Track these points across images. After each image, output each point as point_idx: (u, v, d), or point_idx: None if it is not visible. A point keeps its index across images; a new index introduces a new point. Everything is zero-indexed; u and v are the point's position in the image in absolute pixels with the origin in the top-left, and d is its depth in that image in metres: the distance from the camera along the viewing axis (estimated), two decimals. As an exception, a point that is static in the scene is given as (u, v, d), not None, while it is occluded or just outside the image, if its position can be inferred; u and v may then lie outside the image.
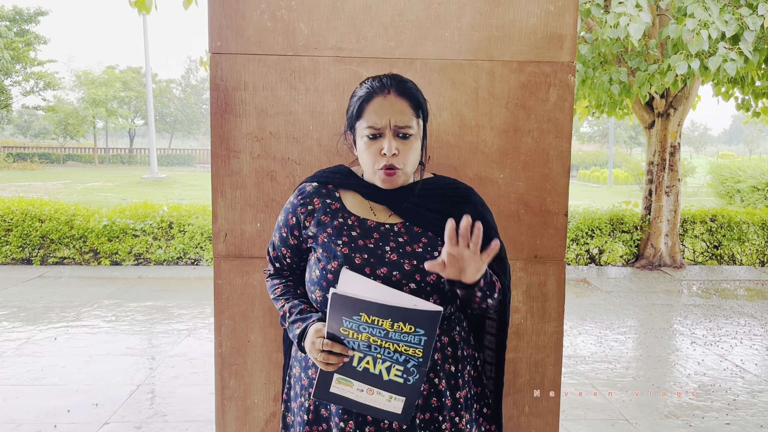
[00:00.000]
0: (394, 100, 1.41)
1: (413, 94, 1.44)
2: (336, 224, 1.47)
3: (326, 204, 1.50)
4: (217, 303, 1.86)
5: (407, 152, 1.42)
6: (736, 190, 15.68)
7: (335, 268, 1.42)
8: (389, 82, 1.43)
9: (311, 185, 1.54)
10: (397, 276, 1.40)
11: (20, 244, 7.87)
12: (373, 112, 1.41)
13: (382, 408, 1.37)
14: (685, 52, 6.00)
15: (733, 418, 3.74)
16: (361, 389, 1.36)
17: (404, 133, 1.41)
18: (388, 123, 1.40)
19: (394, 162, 1.41)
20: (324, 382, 1.37)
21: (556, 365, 1.91)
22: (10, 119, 43.19)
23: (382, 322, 1.30)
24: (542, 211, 1.87)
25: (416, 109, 1.43)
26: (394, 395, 1.36)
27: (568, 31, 1.82)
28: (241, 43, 1.79)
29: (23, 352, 4.70)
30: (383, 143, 1.40)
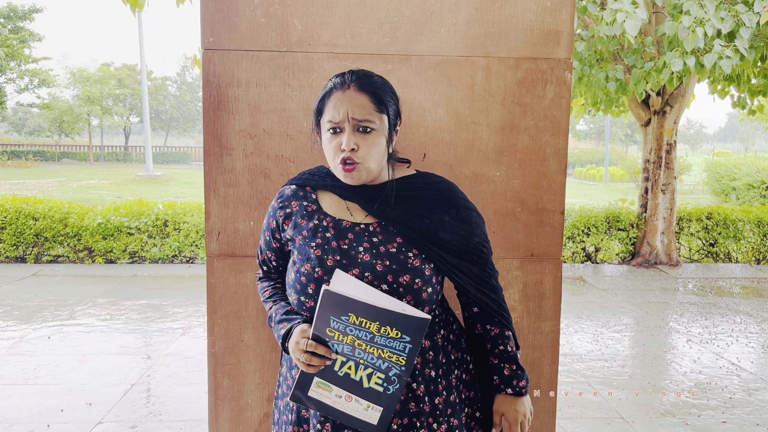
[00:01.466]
0: (353, 95, 1.39)
1: (375, 89, 1.41)
2: (311, 226, 1.46)
3: (303, 206, 1.50)
4: (210, 302, 1.84)
5: (367, 147, 1.39)
6: (732, 188, 15.71)
7: (308, 270, 1.41)
8: (351, 78, 1.42)
9: (290, 188, 1.54)
10: (368, 277, 1.38)
11: (14, 243, 7.82)
12: (333, 107, 1.40)
13: (357, 417, 1.36)
14: (680, 49, 5.99)
15: (730, 416, 3.74)
16: (339, 395, 1.35)
17: (364, 127, 1.39)
18: (346, 116, 1.38)
19: (352, 156, 1.39)
20: (303, 385, 1.36)
21: (553, 365, 1.90)
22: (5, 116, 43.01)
23: (370, 325, 1.29)
24: (539, 210, 1.85)
25: (378, 104, 1.40)
26: (372, 404, 1.35)
27: (565, 28, 1.80)
28: (233, 38, 1.77)
29: (16, 351, 4.67)
30: (343, 138, 1.39)
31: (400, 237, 1.43)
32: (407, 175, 1.52)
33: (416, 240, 1.43)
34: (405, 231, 1.43)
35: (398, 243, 1.43)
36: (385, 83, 1.46)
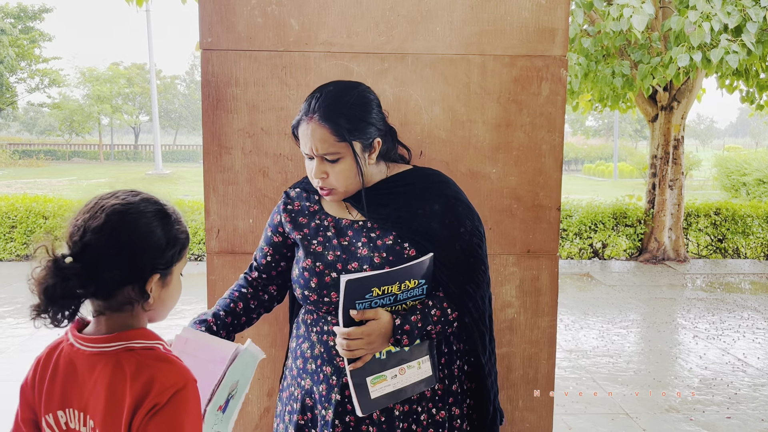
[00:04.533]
0: (315, 127, 1.41)
1: (337, 119, 1.41)
2: (313, 225, 1.53)
3: (305, 206, 1.56)
4: (211, 298, 1.87)
5: (336, 175, 1.44)
6: (742, 183, 15.60)
7: (309, 266, 1.47)
8: (315, 105, 1.42)
9: (294, 190, 1.61)
10: (367, 269, 1.44)
11: (24, 241, 7.91)
12: (301, 138, 1.45)
13: (418, 380, 1.43)
14: (687, 44, 5.96)
15: (734, 411, 3.74)
16: (394, 375, 1.41)
17: (330, 158, 1.43)
18: (311, 150, 1.43)
19: (324, 185, 1.45)
20: (363, 394, 1.39)
21: (550, 360, 1.91)
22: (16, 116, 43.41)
23: (392, 288, 1.36)
24: (535, 206, 1.87)
25: (339, 135, 1.41)
26: (419, 359, 1.43)
27: (560, 25, 1.82)
28: (231, 38, 1.79)
29: (27, 348, 4.73)
30: (313, 165, 1.45)
31: (394, 231, 1.48)
32: (402, 171, 1.56)
33: (407, 233, 1.47)
34: (397, 226, 1.48)
35: (393, 236, 1.48)
36: (357, 104, 1.44)
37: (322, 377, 1.49)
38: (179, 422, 1.02)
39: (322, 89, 1.46)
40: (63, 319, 1.05)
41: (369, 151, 1.47)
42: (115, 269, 1.05)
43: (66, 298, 1.04)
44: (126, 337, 1.08)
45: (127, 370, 1.04)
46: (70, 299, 1.04)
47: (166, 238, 1.09)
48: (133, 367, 1.05)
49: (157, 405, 1.01)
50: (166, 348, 1.12)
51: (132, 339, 1.08)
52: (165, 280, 1.12)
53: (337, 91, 1.45)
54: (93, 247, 1.04)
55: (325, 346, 1.49)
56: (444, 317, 1.44)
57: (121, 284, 1.07)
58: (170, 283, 1.13)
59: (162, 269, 1.10)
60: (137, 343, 1.07)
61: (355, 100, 1.45)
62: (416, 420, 1.48)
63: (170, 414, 1.02)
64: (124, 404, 1.03)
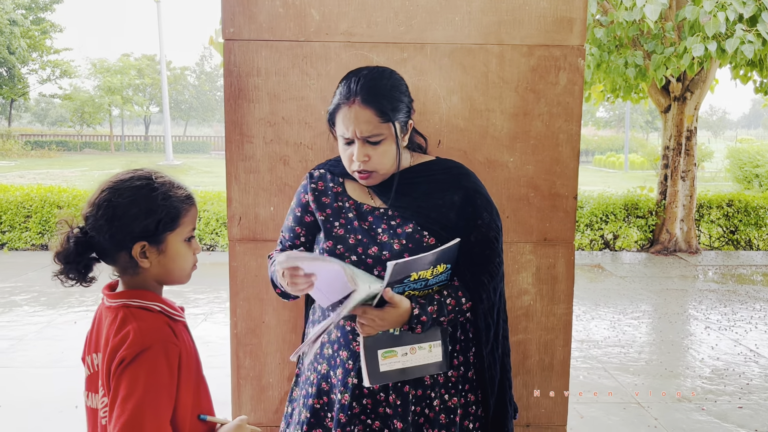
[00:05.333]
0: (358, 111, 1.43)
1: (380, 101, 1.44)
2: (335, 206, 1.55)
3: (329, 187, 1.59)
4: (233, 285, 1.90)
5: (378, 157, 1.46)
6: (755, 174, 15.48)
7: (330, 247, 1.50)
8: (356, 89, 1.44)
9: (318, 171, 1.63)
10: (386, 255, 1.46)
11: (39, 231, 8.00)
12: (341, 123, 1.46)
13: (427, 362, 1.46)
14: (701, 34, 5.92)
15: (746, 401, 3.75)
16: (404, 352, 1.45)
17: (373, 140, 1.45)
18: (354, 133, 1.44)
19: (365, 167, 1.47)
20: (373, 365, 1.43)
21: (566, 346, 1.94)
22: (28, 107, 43.70)
23: (425, 273, 1.40)
24: (552, 195, 1.89)
25: (382, 116, 1.44)
26: (431, 343, 1.46)
27: (578, 15, 1.83)
28: (253, 29, 1.82)
29: (44, 336, 4.81)
30: (354, 150, 1.46)
31: (414, 220, 1.50)
32: (425, 161, 1.59)
33: (427, 223, 1.50)
34: (417, 215, 1.51)
35: (413, 224, 1.50)
36: (393, 85, 1.48)
37: (338, 362, 1.52)
38: (137, 381, 1.13)
39: (356, 74, 1.48)
40: (76, 279, 1.23)
41: (405, 132, 1.50)
42: (103, 237, 1.21)
43: (74, 262, 1.21)
44: (127, 295, 1.24)
45: (117, 323, 1.20)
46: (77, 262, 1.21)
47: (146, 209, 1.21)
48: (120, 322, 1.20)
49: (125, 360, 1.15)
50: (166, 310, 1.24)
51: (132, 297, 1.23)
52: (159, 248, 1.23)
53: (375, 75, 1.47)
54: (88, 218, 1.22)
55: (341, 331, 1.52)
56: (458, 307, 1.47)
57: (114, 250, 1.23)
58: (167, 250, 1.24)
59: (147, 238, 1.21)
60: (134, 302, 1.23)
61: (393, 82, 1.48)
62: (429, 405, 1.51)
63: (133, 371, 1.14)
64: (107, 353, 1.18)
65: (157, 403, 1.13)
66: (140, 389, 1.12)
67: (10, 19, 29.23)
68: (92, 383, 1.24)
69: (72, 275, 1.22)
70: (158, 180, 1.24)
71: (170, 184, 1.26)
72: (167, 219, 1.23)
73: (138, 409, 1.11)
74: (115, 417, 1.12)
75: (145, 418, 1.11)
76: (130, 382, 1.13)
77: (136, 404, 1.11)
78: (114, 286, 1.27)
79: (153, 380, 1.14)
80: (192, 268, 1.30)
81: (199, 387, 1.28)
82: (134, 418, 1.11)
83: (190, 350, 1.26)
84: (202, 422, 1.27)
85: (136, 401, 1.11)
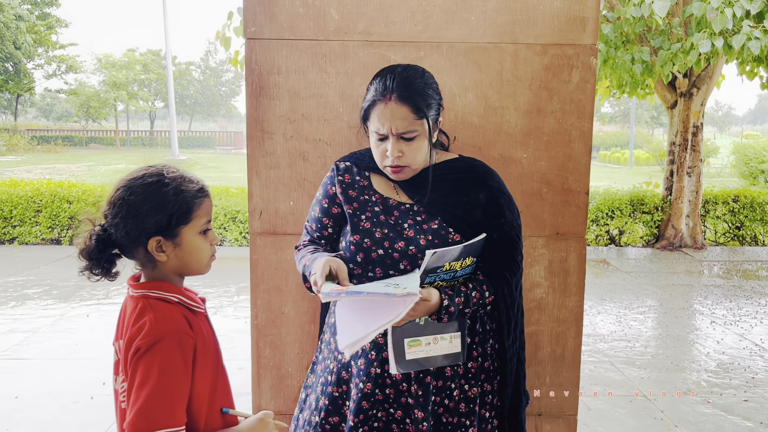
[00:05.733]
0: (394, 107, 1.47)
1: (415, 98, 1.48)
2: (362, 200, 1.59)
3: (356, 180, 1.63)
4: (253, 277, 1.96)
5: (411, 152, 1.51)
6: (760, 170, 15.47)
7: (357, 240, 1.54)
8: (392, 86, 1.48)
9: (344, 163, 1.66)
10: (413, 250, 1.51)
11: (50, 225, 8.08)
12: (377, 119, 1.50)
13: (447, 353, 1.52)
14: (708, 30, 5.94)
15: (752, 395, 3.79)
16: (428, 342, 1.50)
17: (407, 137, 1.49)
18: (389, 130, 1.48)
19: (398, 162, 1.51)
20: (400, 353, 1.49)
21: (577, 338, 1.99)
22: (33, 102, 43.84)
23: (455, 264, 1.45)
24: (564, 190, 1.94)
25: (418, 113, 1.48)
26: (452, 334, 1.52)
27: (591, 14, 1.87)
28: (274, 28, 1.87)
29: (58, 328, 4.88)
30: (388, 145, 1.50)
31: (439, 216, 1.56)
32: (449, 159, 1.64)
33: (452, 220, 1.55)
34: (443, 212, 1.56)
35: (438, 221, 1.56)
36: (426, 83, 1.53)
37: (360, 352, 1.57)
38: (151, 369, 1.18)
39: (391, 71, 1.52)
40: (100, 274, 1.29)
41: (435, 129, 1.55)
42: (120, 234, 1.26)
43: (96, 258, 1.27)
44: (148, 286, 1.29)
45: (137, 313, 1.25)
46: (99, 258, 1.27)
47: (157, 205, 1.25)
48: (138, 312, 1.25)
49: (140, 349, 1.20)
50: (184, 302, 1.29)
51: (151, 289, 1.28)
52: (174, 241, 1.27)
53: (410, 73, 1.52)
54: (106, 216, 1.28)
55: None
56: (482, 300, 1.53)
57: (131, 246, 1.27)
58: (183, 244, 1.28)
59: (161, 232, 1.25)
60: (153, 293, 1.27)
61: (426, 80, 1.53)
62: (449, 395, 1.56)
63: (148, 361, 1.19)
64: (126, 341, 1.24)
65: (171, 392, 1.18)
66: (154, 378, 1.17)
67: (16, 14, 29.31)
68: (117, 368, 1.30)
69: (96, 271, 1.28)
70: (170, 175, 1.28)
71: (182, 178, 1.29)
72: (180, 213, 1.26)
73: (152, 397, 1.16)
74: (131, 404, 1.17)
75: (159, 406, 1.16)
76: (145, 370, 1.18)
77: (149, 392, 1.16)
78: (138, 277, 1.33)
79: (167, 369, 1.18)
80: (210, 258, 1.34)
81: (218, 378, 1.32)
82: (148, 405, 1.16)
83: (207, 341, 1.30)
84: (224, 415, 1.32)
85: (150, 389, 1.16)
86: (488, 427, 1.62)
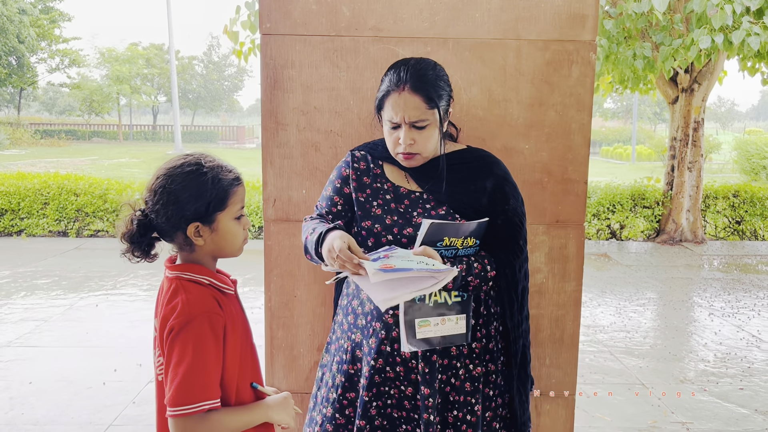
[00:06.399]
0: (407, 97, 1.57)
1: (427, 88, 1.57)
2: (375, 187, 1.69)
3: (370, 168, 1.73)
4: (267, 262, 2.05)
5: (423, 141, 1.60)
6: (762, 166, 15.53)
7: (368, 226, 1.65)
8: (405, 77, 1.57)
9: (360, 152, 1.76)
10: None
11: (57, 217, 8.19)
12: (390, 108, 1.59)
13: (454, 333, 1.62)
14: (709, 26, 6.01)
15: (747, 383, 3.89)
16: (436, 323, 1.60)
17: (419, 125, 1.58)
18: (402, 118, 1.58)
19: (410, 150, 1.61)
20: (411, 332, 1.59)
21: (575, 321, 2.08)
22: (36, 96, 43.93)
23: (456, 242, 1.54)
24: (564, 180, 2.03)
25: (429, 102, 1.58)
26: (458, 315, 1.62)
27: (591, 12, 1.96)
28: (288, 24, 1.96)
29: (68, 317, 4.99)
30: (400, 133, 1.59)
31: (447, 203, 1.66)
32: (458, 149, 1.74)
33: (459, 207, 1.65)
34: (450, 199, 1.66)
35: (445, 208, 1.65)
36: (438, 75, 1.62)
37: (371, 332, 1.66)
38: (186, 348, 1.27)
39: (405, 63, 1.61)
40: (140, 256, 1.37)
41: (446, 119, 1.64)
42: (161, 220, 1.34)
43: (137, 242, 1.35)
44: (182, 268, 1.37)
45: (170, 294, 1.33)
46: (140, 242, 1.36)
47: (197, 193, 1.33)
48: (171, 292, 1.34)
49: (174, 329, 1.28)
50: (215, 284, 1.37)
51: (185, 271, 1.37)
52: (211, 227, 1.36)
53: (423, 65, 1.61)
54: (147, 202, 1.35)
55: (374, 304, 1.66)
56: (483, 273, 1.62)
57: (171, 231, 1.35)
58: (219, 229, 1.37)
59: (200, 219, 1.34)
60: (186, 275, 1.36)
61: (438, 72, 1.62)
62: (455, 374, 1.65)
63: (183, 340, 1.27)
64: (161, 320, 1.32)
65: (206, 368, 1.28)
66: (189, 356, 1.26)
67: (20, 8, 29.40)
68: (155, 343, 1.39)
69: (137, 253, 1.36)
70: (207, 164, 1.35)
71: (219, 167, 1.37)
72: (217, 201, 1.34)
73: (189, 374, 1.25)
74: (170, 380, 1.27)
75: (196, 382, 1.26)
76: (181, 349, 1.27)
77: (186, 369, 1.26)
78: (174, 259, 1.41)
79: (200, 347, 1.27)
80: (243, 242, 1.43)
81: (246, 355, 1.41)
82: (186, 381, 1.25)
83: (236, 321, 1.39)
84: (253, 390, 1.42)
85: (186, 366, 1.26)
86: (493, 405, 1.70)
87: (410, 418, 1.65)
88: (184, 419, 1.25)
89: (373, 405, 1.64)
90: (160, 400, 1.35)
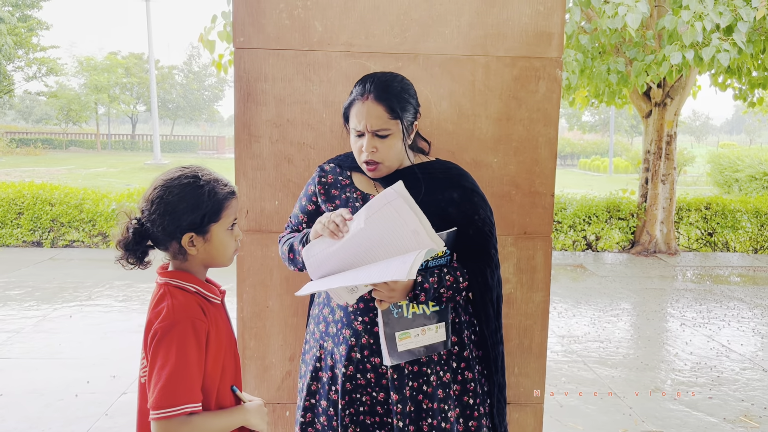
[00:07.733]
0: (370, 106, 1.62)
1: (390, 99, 1.63)
2: (344, 197, 1.74)
3: (338, 180, 1.77)
4: (240, 272, 2.07)
5: (385, 149, 1.65)
6: (735, 179, 15.87)
7: None
8: (370, 87, 1.63)
9: (329, 165, 1.81)
10: None
11: (31, 227, 8.09)
12: (354, 116, 1.65)
13: (434, 342, 1.66)
14: (680, 42, 6.17)
15: (716, 392, 3.97)
16: (417, 334, 1.64)
17: (381, 134, 1.63)
18: (365, 126, 1.63)
19: (373, 158, 1.65)
20: (392, 345, 1.62)
21: (543, 330, 2.13)
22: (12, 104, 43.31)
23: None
24: (531, 192, 2.08)
25: (392, 113, 1.62)
26: (437, 324, 1.66)
27: (557, 30, 2.02)
28: (261, 38, 1.99)
29: (41, 329, 4.93)
30: (363, 141, 1.64)
31: None
32: (427, 161, 1.78)
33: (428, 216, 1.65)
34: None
35: None
36: (403, 87, 1.67)
37: (341, 339, 1.69)
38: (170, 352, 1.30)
39: (372, 76, 1.66)
40: (134, 263, 1.40)
41: (410, 131, 1.69)
42: (156, 229, 1.37)
43: (132, 249, 1.39)
44: (171, 275, 1.41)
45: (157, 299, 1.38)
46: (135, 249, 1.39)
47: (193, 205, 1.37)
48: (159, 298, 1.38)
49: (158, 333, 1.32)
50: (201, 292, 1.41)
51: (174, 277, 1.41)
52: (205, 237, 1.40)
53: (388, 78, 1.66)
54: (143, 212, 1.39)
55: (344, 311, 1.69)
56: (456, 284, 1.65)
57: (166, 240, 1.38)
58: (212, 239, 1.41)
59: (194, 229, 1.38)
60: (174, 281, 1.40)
61: (403, 85, 1.67)
62: (426, 381, 1.68)
63: (167, 344, 1.31)
64: (147, 323, 1.36)
65: (188, 372, 1.31)
66: (173, 360, 1.30)
67: (-3, 16, 29.04)
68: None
69: (131, 260, 1.40)
70: (204, 177, 1.40)
71: (215, 181, 1.41)
72: (212, 212, 1.39)
73: (171, 377, 1.29)
74: (153, 383, 1.30)
75: (179, 385, 1.29)
76: (165, 353, 1.30)
77: (170, 372, 1.29)
78: (167, 266, 1.45)
79: (183, 351, 1.31)
80: (234, 252, 1.47)
81: (228, 363, 1.45)
82: (169, 384, 1.29)
83: (221, 329, 1.43)
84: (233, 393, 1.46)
85: (170, 370, 1.29)
86: (476, 415, 1.71)
87: (383, 422, 1.67)
88: (167, 422, 1.28)
89: (346, 412, 1.67)
90: (142, 402, 1.39)
